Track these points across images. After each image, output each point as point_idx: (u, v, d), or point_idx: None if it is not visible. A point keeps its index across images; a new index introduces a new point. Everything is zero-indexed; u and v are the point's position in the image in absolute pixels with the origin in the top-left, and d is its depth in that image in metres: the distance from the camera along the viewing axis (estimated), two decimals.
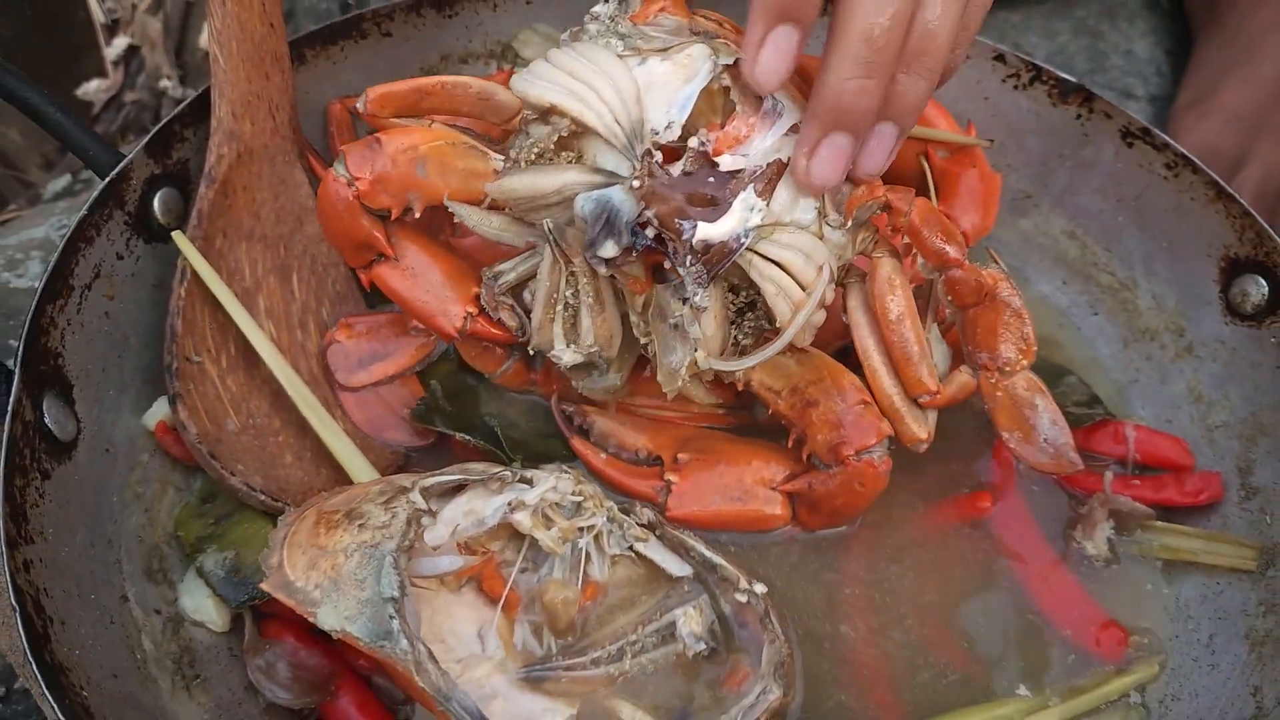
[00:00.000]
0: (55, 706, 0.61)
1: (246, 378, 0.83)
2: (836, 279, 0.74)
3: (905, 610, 0.80)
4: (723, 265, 0.68)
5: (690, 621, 0.71)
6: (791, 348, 0.75)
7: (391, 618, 0.64)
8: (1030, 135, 0.97)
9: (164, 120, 0.85)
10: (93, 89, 1.26)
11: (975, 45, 0.97)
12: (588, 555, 0.72)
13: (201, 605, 0.76)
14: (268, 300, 0.86)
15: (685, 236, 0.67)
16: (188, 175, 0.86)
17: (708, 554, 0.73)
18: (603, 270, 0.70)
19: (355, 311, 0.89)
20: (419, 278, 0.78)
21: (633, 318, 0.76)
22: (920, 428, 0.76)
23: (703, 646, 0.71)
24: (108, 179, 0.81)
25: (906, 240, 0.75)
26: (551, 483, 0.72)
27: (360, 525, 0.67)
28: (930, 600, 0.80)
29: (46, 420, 0.73)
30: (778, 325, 0.72)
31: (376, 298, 0.89)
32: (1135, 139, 0.92)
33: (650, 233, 0.68)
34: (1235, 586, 0.80)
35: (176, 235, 0.81)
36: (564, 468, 0.74)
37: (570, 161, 0.71)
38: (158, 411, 0.81)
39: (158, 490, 0.81)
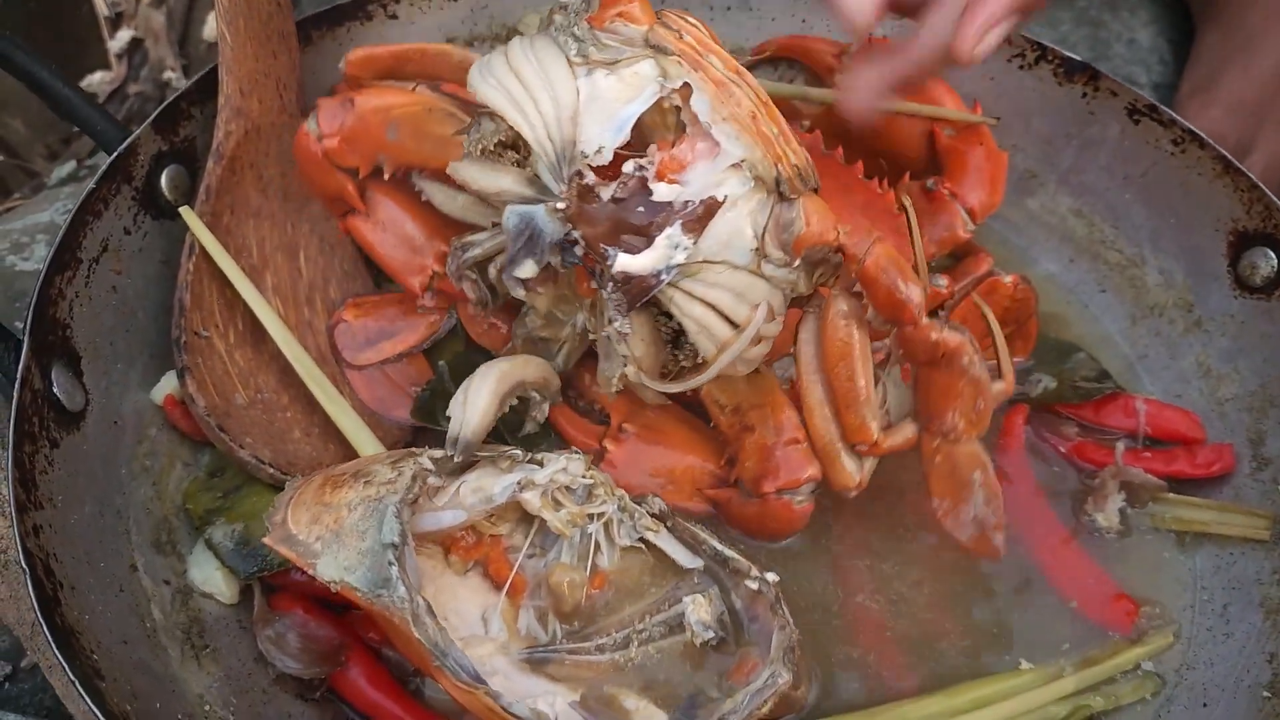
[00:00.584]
0: (66, 667, 0.60)
1: (254, 353, 0.83)
2: (794, 304, 0.73)
3: (914, 587, 0.79)
4: (640, 299, 0.67)
5: (699, 609, 0.70)
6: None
7: (391, 564, 0.63)
8: (1036, 115, 0.97)
9: (170, 97, 0.85)
10: (96, 81, 1.26)
11: None
12: (597, 544, 0.72)
13: (210, 577, 0.76)
14: (275, 277, 0.86)
15: (606, 261, 0.66)
16: (195, 153, 0.86)
17: (719, 547, 0.72)
18: (519, 292, 0.71)
19: (363, 290, 0.89)
20: (389, 233, 0.80)
21: (581, 315, 0.76)
22: (852, 474, 0.74)
23: (711, 635, 0.70)
24: (115, 154, 0.81)
25: None
26: (562, 464, 0.72)
27: (366, 482, 0.67)
28: (938, 576, 0.80)
29: (55, 389, 0.73)
30: (702, 359, 0.70)
31: (384, 276, 0.90)
32: (1141, 116, 0.92)
33: (579, 250, 0.67)
34: (1249, 556, 0.80)
35: (185, 211, 0.81)
36: (575, 451, 0.73)
37: (513, 163, 0.71)
38: (165, 386, 0.81)
39: (165, 464, 0.80)
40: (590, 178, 0.66)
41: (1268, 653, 0.75)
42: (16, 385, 0.70)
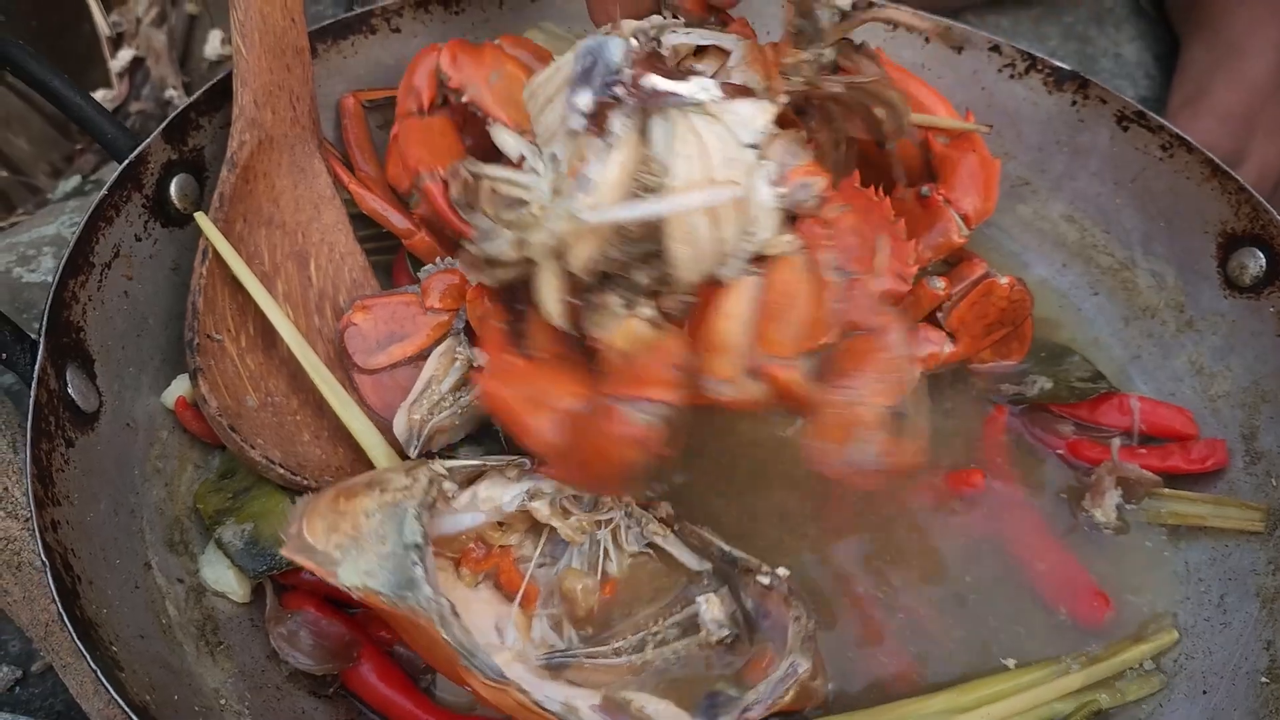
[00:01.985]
0: (88, 656, 0.61)
1: (265, 357, 0.84)
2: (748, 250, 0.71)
3: (909, 585, 0.81)
4: (655, 102, 0.69)
5: (712, 607, 0.72)
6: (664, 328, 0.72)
7: (415, 564, 0.63)
8: (1027, 123, 0.99)
9: (180, 107, 0.87)
10: (99, 99, 1.27)
11: (970, 37, 0.99)
12: (605, 551, 0.73)
13: (222, 576, 0.76)
14: (286, 285, 0.87)
15: (641, 84, 0.69)
16: (203, 162, 0.87)
17: (727, 548, 0.73)
18: (579, 123, 0.70)
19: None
20: (427, 134, 0.89)
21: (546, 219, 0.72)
22: (731, 369, 0.68)
23: (726, 632, 0.71)
24: (126, 162, 0.82)
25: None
26: None
27: (381, 490, 0.67)
28: (931, 574, 0.81)
29: (70, 390, 0.74)
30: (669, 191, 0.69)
31: (389, 285, 0.91)
32: (1130, 122, 0.94)
33: (618, 90, 0.70)
34: (1244, 548, 0.82)
35: (199, 216, 0.82)
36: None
37: None
38: (176, 389, 0.82)
39: (177, 466, 0.81)
40: (665, 52, 0.74)
41: (1265, 640, 0.77)
42: (33, 384, 0.71)
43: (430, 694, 0.74)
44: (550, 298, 0.74)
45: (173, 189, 0.85)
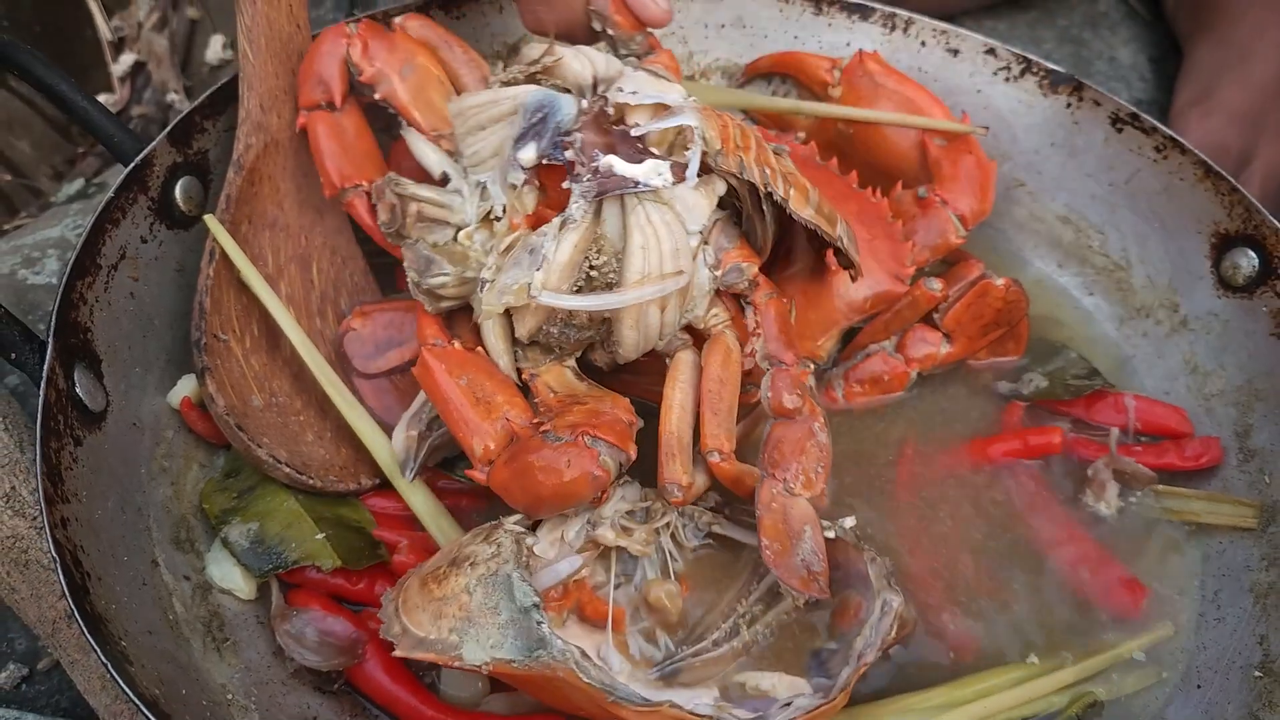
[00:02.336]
0: (98, 650, 0.62)
1: (269, 358, 0.84)
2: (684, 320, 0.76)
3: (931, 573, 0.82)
4: (613, 190, 0.72)
5: None
6: (590, 384, 0.77)
7: (540, 623, 0.65)
8: (1022, 125, 1.00)
9: (185, 111, 0.88)
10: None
11: (966, 40, 1.01)
12: (669, 553, 0.75)
13: (228, 574, 0.77)
14: (289, 287, 0.87)
15: (594, 163, 0.72)
16: (208, 165, 0.88)
17: None
18: (518, 178, 0.74)
19: (372, 302, 0.91)
20: (345, 137, 0.84)
21: (490, 260, 0.76)
22: (686, 476, 0.72)
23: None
24: (132, 164, 0.83)
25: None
26: (620, 493, 0.75)
27: (470, 565, 0.68)
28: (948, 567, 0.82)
29: (77, 389, 0.75)
30: (624, 280, 0.72)
31: (390, 288, 0.92)
32: (1124, 124, 0.95)
33: (567, 153, 0.73)
34: (1238, 544, 0.83)
35: (209, 218, 0.83)
36: (626, 478, 0.76)
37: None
38: (182, 390, 0.83)
39: (182, 465, 0.82)
40: (611, 111, 0.74)
41: (1258, 635, 0.78)
42: (42, 383, 0.72)
43: (434, 689, 0.75)
44: (497, 349, 0.78)
45: (178, 191, 0.86)
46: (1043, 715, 0.76)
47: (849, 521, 0.74)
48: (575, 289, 0.73)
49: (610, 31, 0.86)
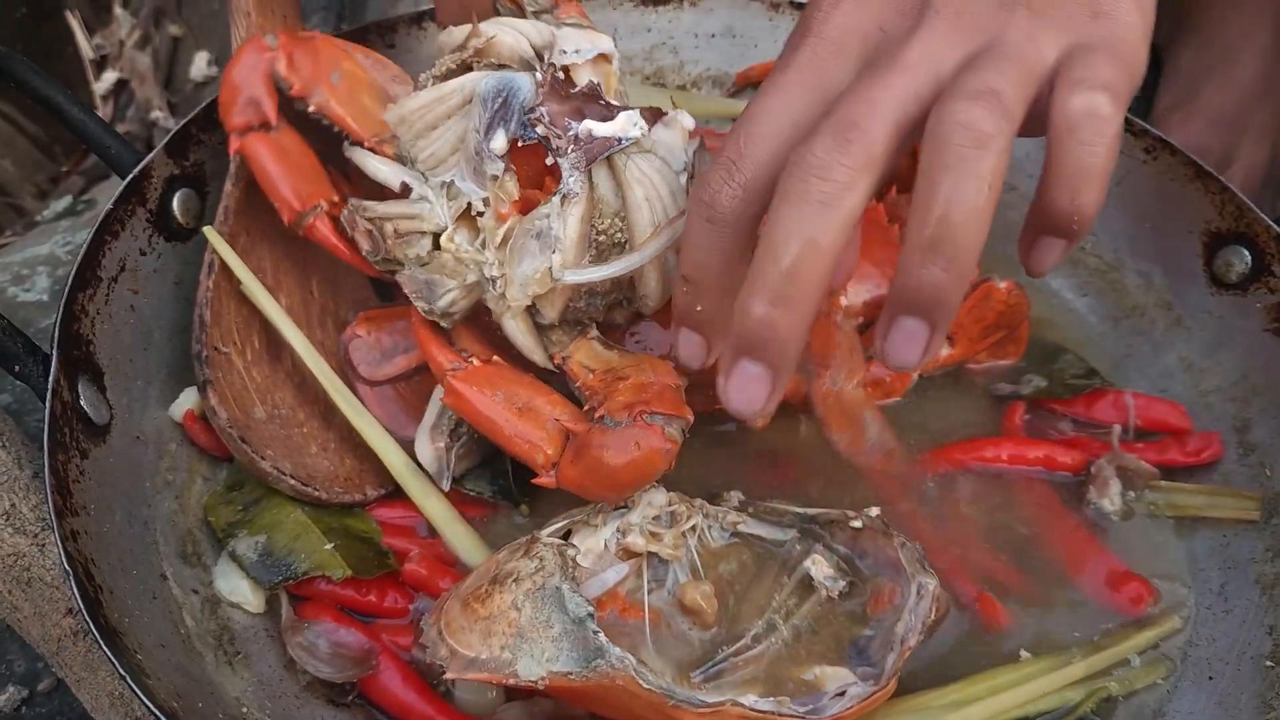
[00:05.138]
0: (116, 663, 0.61)
1: (271, 370, 0.84)
2: None
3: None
4: (602, 154, 0.71)
5: (819, 565, 0.74)
6: (622, 350, 0.77)
7: (596, 632, 0.65)
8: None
9: (181, 122, 0.87)
10: None
11: None
12: (698, 554, 0.75)
13: (236, 587, 0.76)
14: (288, 299, 0.87)
15: (569, 132, 0.71)
16: (204, 177, 0.88)
17: (799, 510, 0.76)
18: (478, 187, 0.73)
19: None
20: (288, 156, 0.80)
21: (490, 256, 0.75)
22: None
23: (842, 583, 0.73)
24: (130, 176, 0.82)
25: None
26: (649, 499, 0.75)
27: (514, 581, 0.68)
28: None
29: (82, 403, 0.74)
30: (635, 239, 0.72)
31: (389, 296, 0.91)
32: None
33: (539, 129, 0.72)
34: (1242, 537, 0.83)
35: (208, 230, 0.82)
36: (657, 484, 0.76)
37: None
38: (184, 403, 0.82)
39: (186, 479, 0.81)
40: (563, 75, 0.73)
41: (1267, 625, 0.79)
42: (48, 396, 0.71)
43: (449, 698, 0.74)
44: (528, 343, 0.77)
45: (175, 204, 0.85)
46: (1057, 710, 0.76)
47: (874, 511, 0.75)
48: (589, 259, 0.73)
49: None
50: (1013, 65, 0.58)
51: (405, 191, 0.79)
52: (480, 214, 0.75)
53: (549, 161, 0.72)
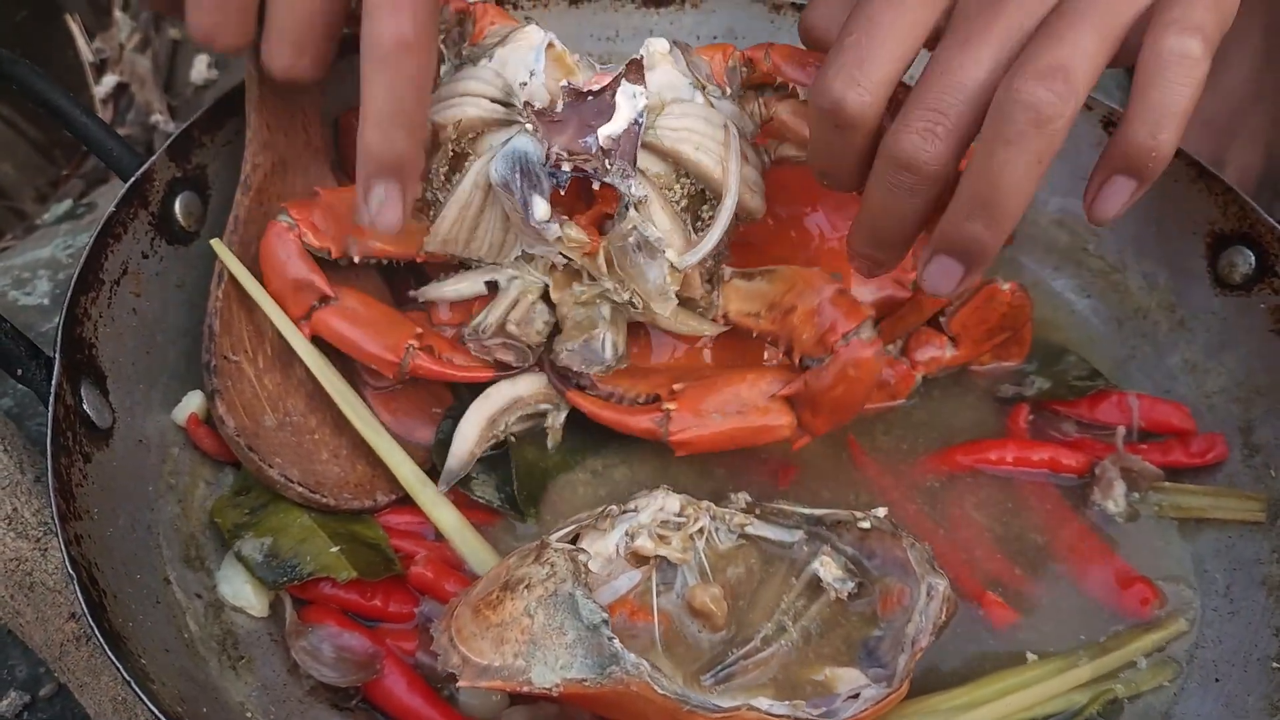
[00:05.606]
0: (121, 668, 0.61)
1: (283, 377, 0.83)
2: (753, 144, 0.78)
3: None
4: (636, 145, 0.72)
5: (828, 567, 0.74)
6: (761, 271, 0.79)
7: (610, 639, 0.64)
8: None
9: (184, 125, 0.87)
10: None
11: None
12: (706, 557, 0.75)
13: (240, 591, 0.76)
14: None
15: (592, 149, 0.71)
16: (206, 180, 0.87)
17: (806, 510, 0.76)
18: (552, 246, 0.73)
19: None
20: (361, 317, 0.81)
21: (608, 284, 0.77)
22: None
23: (851, 585, 0.73)
24: (133, 179, 0.82)
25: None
26: (660, 503, 0.75)
27: (526, 587, 0.68)
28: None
29: (85, 406, 0.74)
30: (717, 181, 0.74)
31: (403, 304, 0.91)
32: (1116, 127, 0.96)
33: (566, 167, 0.72)
34: (1248, 538, 0.83)
35: (215, 243, 0.81)
36: (667, 487, 0.76)
37: (471, 164, 0.76)
38: (187, 406, 0.82)
39: (189, 483, 0.81)
40: (536, 103, 0.73)
41: (1273, 627, 0.78)
42: (51, 399, 0.71)
43: (453, 702, 0.74)
44: (699, 325, 0.81)
45: (177, 207, 0.85)
46: (1063, 713, 0.76)
47: (881, 511, 0.75)
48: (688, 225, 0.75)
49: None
50: (1100, 20, 0.62)
51: (494, 289, 0.80)
52: (567, 261, 0.77)
53: (596, 186, 0.73)
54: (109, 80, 1.29)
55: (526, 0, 1.00)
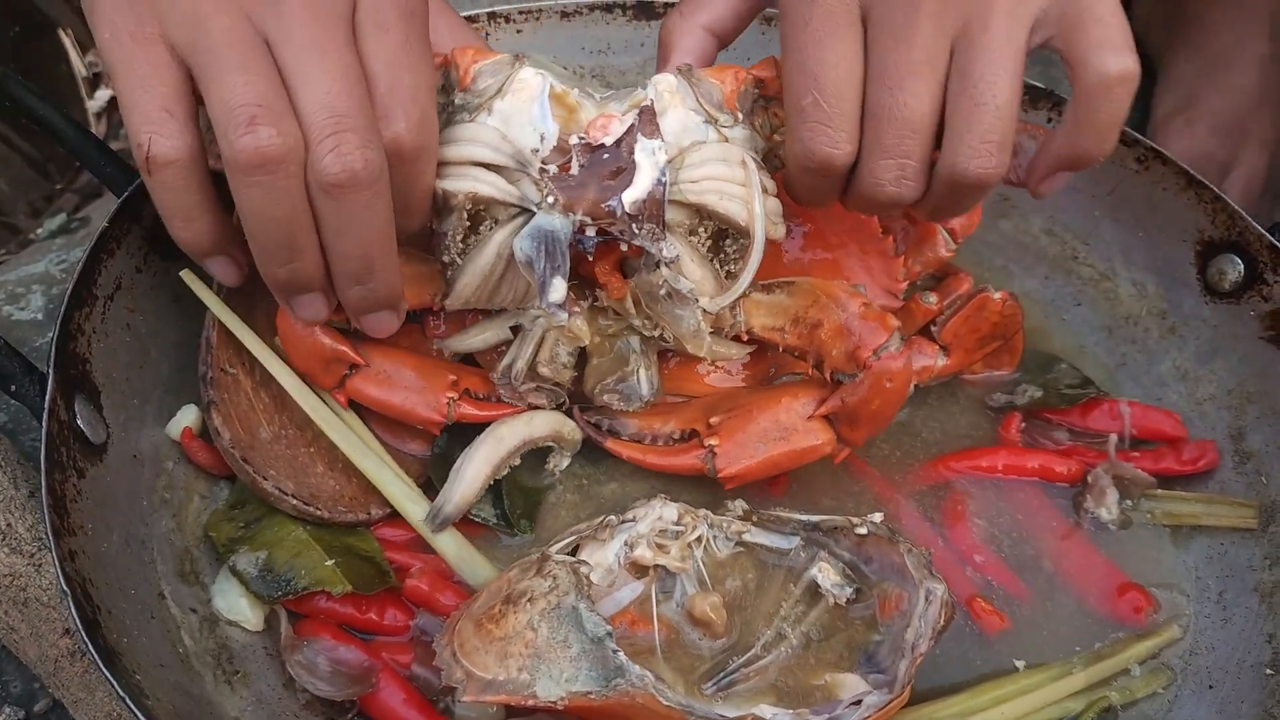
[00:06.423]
0: (115, 684, 0.61)
1: (279, 390, 0.83)
2: (765, 165, 0.77)
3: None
4: (663, 209, 0.71)
5: (826, 573, 0.74)
6: (780, 284, 0.80)
7: (615, 651, 0.65)
8: None
9: None
10: None
11: None
12: (704, 564, 0.75)
13: (235, 605, 0.76)
14: None
15: (618, 213, 0.70)
16: None
17: (803, 517, 0.76)
18: (562, 318, 0.72)
19: None
20: (394, 377, 0.80)
21: (636, 322, 0.78)
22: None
23: (849, 590, 0.74)
24: (125, 195, 0.82)
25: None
26: (658, 512, 0.75)
27: (529, 600, 0.68)
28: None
29: (79, 421, 0.74)
30: (743, 226, 0.74)
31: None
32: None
33: (591, 233, 0.70)
34: (1240, 544, 0.84)
35: (185, 274, 0.81)
36: (664, 496, 0.76)
37: (489, 228, 0.73)
38: (181, 421, 0.82)
39: (184, 497, 0.81)
40: (553, 170, 0.71)
41: (1266, 634, 0.79)
42: (45, 415, 0.71)
43: (450, 715, 0.74)
44: (730, 350, 0.83)
45: None
46: None
47: (878, 516, 0.75)
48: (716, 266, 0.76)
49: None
50: (1008, 42, 0.66)
51: (518, 331, 0.80)
52: (595, 300, 0.78)
53: (624, 248, 0.73)
54: (102, 95, 1.29)
55: (518, 14, 1.00)
